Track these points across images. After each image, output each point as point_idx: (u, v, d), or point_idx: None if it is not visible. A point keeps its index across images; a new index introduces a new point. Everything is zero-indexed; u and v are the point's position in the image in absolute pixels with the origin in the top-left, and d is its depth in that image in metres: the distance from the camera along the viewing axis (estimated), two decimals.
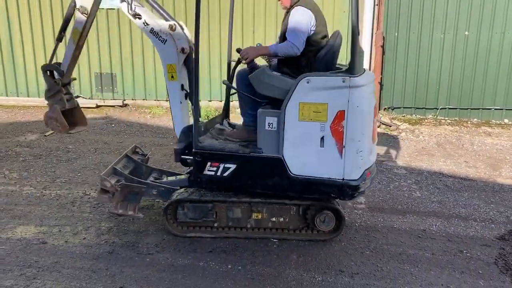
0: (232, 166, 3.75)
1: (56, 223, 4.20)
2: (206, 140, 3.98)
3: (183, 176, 4.31)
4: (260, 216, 3.91)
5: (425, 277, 3.47)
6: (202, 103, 9.14)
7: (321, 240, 3.95)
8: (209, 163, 3.78)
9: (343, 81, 3.45)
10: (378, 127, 8.30)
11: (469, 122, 8.34)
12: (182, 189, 4.01)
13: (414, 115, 8.64)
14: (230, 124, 4.57)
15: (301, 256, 3.74)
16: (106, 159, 6.05)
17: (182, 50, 3.93)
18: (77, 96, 9.27)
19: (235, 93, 4.37)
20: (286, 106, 3.56)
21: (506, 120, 8.47)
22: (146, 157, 4.82)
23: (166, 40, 3.92)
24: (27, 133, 7.21)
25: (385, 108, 8.99)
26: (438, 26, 8.23)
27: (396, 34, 8.37)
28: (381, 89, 8.84)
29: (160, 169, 4.76)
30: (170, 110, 4.12)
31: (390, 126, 8.07)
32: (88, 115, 8.54)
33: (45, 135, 7.09)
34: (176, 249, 3.78)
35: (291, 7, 3.85)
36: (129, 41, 8.99)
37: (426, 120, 8.35)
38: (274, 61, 4.11)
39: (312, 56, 3.81)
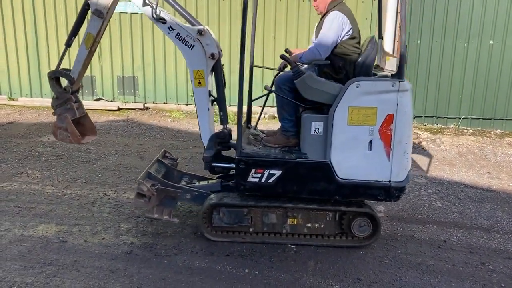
0: (277, 173, 3.73)
1: (76, 223, 4.26)
2: (246, 147, 3.96)
3: (214, 181, 4.34)
4: (295, 222, 3.92)
5: None
6: None
7: (356, 246, 3.94)
8: (253, 170, 3.75)
9: (393, 86, 3.53)
10: None
11: (492, 132, 8.18)
12: (217, 194, 4.01)
13: (435, 124, 8.52)
14: (260, 130, 4.58)
15: (319, 263, 3.71)
16: (126, 161, 6.12)
17: (212, 55, 3.87)
18: (99, 99, 9.44)
19: (259, 97, 4.40)
20: (335, 111, 3.59)
21: None
22: (176, 161, 4.81)
23: (193, 46, 3.84)
24: (50, 134, 7.33)
25: None
26: (462, 34, 8.12)
27: (419, 41, 8.28)
28: None
29: (190, 173, 4.74)
30: (196, 116, 4.09)
31: None
32: (110, 117, 8.68)
33: None
34: (193, 252, 3.78)
35: (327, 12, 3.88)
36: (151, 45, 9.10)
37: (448, 130, 8.23)
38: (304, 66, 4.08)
39: (352, 62, 3.84)
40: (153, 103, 9.42)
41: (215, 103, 4.12)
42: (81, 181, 5.34)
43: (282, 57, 3.88)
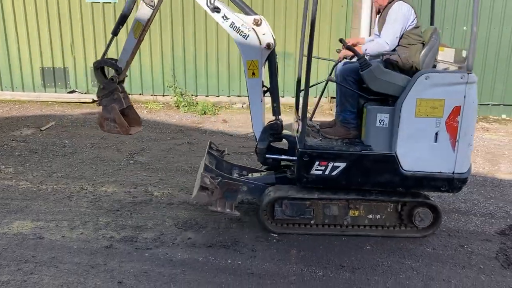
0: (342, 165, 3.71)
1: (53, 218, 4.14)
2: (307, 139, 3.88)
3: (267, 173, 4.33)
4: (357, 214, 3.91)
5: (426, 272, 3.45)
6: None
7: (418, 236, 3.94)
8: (317, 163, 3.71)
9: (461, 78, 3.54)
10: None
11: None
12: (277, 186, 3.98)
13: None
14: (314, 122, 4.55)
15: (302, 251, 3.71)
16: (103, 154, 5.99)
17: (268, 46, 3.75)
18: (73, 91, 9.21)
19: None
20: (403, 103, 3.59)
21: (504, 116, 8.47)
22: (223, 153, 4.72)
23: (248, 36, 3.73)
24: (22, 128, 7.13)
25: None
26: (438, 23, 8.19)
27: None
28: None
29: (239, 165, 4.67)
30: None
31: None
32: (85, 110, 8.49)
33: (41, 130, 7.02)
34: (174, 244, 3.73)
35: (389, 3, 3.92)
36: (126, 35, 8.91)
37: None
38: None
39: (417, 52, 3.86)
40: (129, 94, 9.23)
41: (267, 93, 4.06)
42: (56, 175, 5.21)
43: (348, 48, 3.83)
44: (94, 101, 4.46)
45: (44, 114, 8.16)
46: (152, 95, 9.23)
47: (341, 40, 4.10)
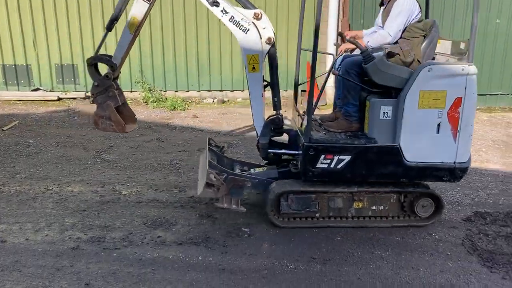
0: (347, 158, 3.71)
1: (16, 220, 4.00)
2: (312, 133, 3.87)
3: (266, 168, 4.33)
4: (361, 205, 3.96)
5: (396, 261, 3.49)
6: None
7: (420, 225, 4.01)
8: (322, 156, 3.70)
9: (463, 69, 3.60)
10: None
11: None
12: (282, 181, 3.97)
13: None
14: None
15: (273, 244, 3.70)
16: (69, 153, 5.83)
17: (269, 40, 3.73)
18: (37, 89, 8.94)
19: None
20: (406, 95, 3.62)
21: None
22: (223, 148, 4.65)
23: (248, 30, 3.69)
24: None
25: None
26: (437, 16, 8.28)
27: (362, 21, 8.40)
28: None
29: (240, 160, 4.65)
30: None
31: None
32: (50, 108, 8.25)
33: (3, 130, 6.78)
34: (144, 243, 3.66)
35: None
36: (90, 31, 8.69)
37: None
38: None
39: (418, 45, 3.87)
40: None
41: (267, 88, 4.04)
42: (20, 176, 5.04)
43: (350, 41, 3.82)
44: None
45: (6, 113, 7.89)
46: None
47: (340, 34, 4.17)
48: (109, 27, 3.94)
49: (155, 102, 8.61)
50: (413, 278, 3.27)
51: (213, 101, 9.16)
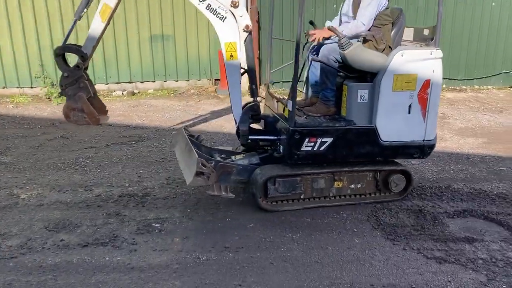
0: (329, 140, 3.89)
1: None
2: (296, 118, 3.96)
3: (244, 155, 4.36)
4: (341, 185, 4.11)
5: (307, 242, 3.57)
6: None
7: (393, 200, 4.27)
8: (307, 139, 3.83)
9: (431, 54, 3.93)
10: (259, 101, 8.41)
11: None
12: (267, 166, 4.03)
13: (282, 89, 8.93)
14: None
15: (185, 237, 3.62)
16: None
17: (247, 27, 3.70)
18: None
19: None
20: (381, 79, 3.85)
21: None
22: (199, 137, 4.52)
23: (225, 18, 3.65)
24: None
25: (264, 84, 9.13)
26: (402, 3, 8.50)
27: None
28: (260, 64, 8.95)
29: (218, 148, 4.67)
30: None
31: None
32: None
33: None
34: (45, 248, 3.41)
35: None
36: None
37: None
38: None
39: (388, 32, 4.05)
40: None
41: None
42: None
43: (330, 28, 3.94)
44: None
45: None
46: (18, 87, 8.38)
47: (311, 22, 4.37)
48: (78, 15, 3.85)
49: (60, 97, 8.08)
50: (323, 257, 3.36)
51: (122, 94, 8.79)
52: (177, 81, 9.19)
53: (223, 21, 3.74)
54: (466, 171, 5.13)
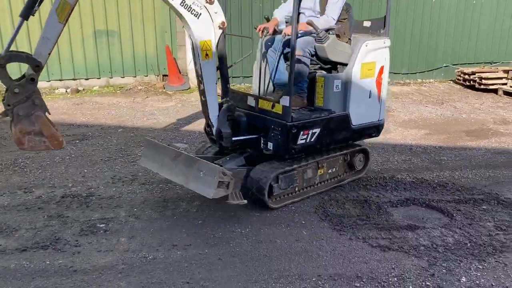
0: (317, 131, 4.06)
1: None
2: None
3: (227, 158, 4.17)
4: (322, 172, 4.34)
5: (256, 236, 3.57)
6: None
7: (359, 178, 4.67)
8: (301, 133, 3.95)
9: (384, 42, 4.36)
10: None
11: None
12: (264, 166, 4.01)
13: (243, 84, 8.91)
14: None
15: (131, 237, 3.53)
16: None
17: (222, 24, 3.54)
18: None
19: None
20: (352, 68, 4.16)
21: None
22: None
23: (200, 14, 3.42)
24: None
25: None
26: None
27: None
28: None
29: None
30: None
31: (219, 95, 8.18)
32: None
33: None
34: None
35: None
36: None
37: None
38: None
39: (346, 25, 4.31)
40: None
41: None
42: None
43: (308, 23, 4.05)
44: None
45: None
46: None
47: (267, 18, 4.49)
48: (26, 14, 3.07)
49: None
50: (271, 250, 3.38)
51: (66, 91, 8.45)
52: (123, 77, 8.94)
53: (197, 18, 3.52)
54: (409, 162, 5.32)
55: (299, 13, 4.53)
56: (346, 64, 4.24)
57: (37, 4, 3.08)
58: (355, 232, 3.64)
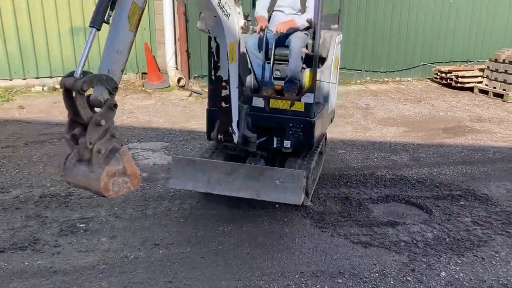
0: (318, 122, 4.10)
1: None
2: None
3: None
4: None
5: (238, 234, 3.57)
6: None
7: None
8: (317, 126, 4.07)
9: (340, 37, 4.73)
10: (189, 95, 8.30)
11: None
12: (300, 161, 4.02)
13: None
14: None
15: (112, 237, 3.48)
16: None
17: (245, 25, 3.32)
18: None
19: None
20: (332, 61, 4.42)
21: None
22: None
23: (229, 15, 3.08)
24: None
25: (194, 77, 9.03)
26: None
27: None
28: (188, 57, 8.82)
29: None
30: None
31: (201, 94, 8.14)
32: None
33: None
34: None
35: None
36: None
37: None
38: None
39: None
40: None
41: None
42: None
43: (309, 21, 4.28)
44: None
45: None
46: None
47: (247, 15, 4.44)
48: (99, 23, 2.33)
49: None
50: (254, 249, 3.38)
51: (43, 89, 8.29)
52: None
53: (228, 19, 3.15)
54: (389, 159, 5.39)
55: (277, 11, 4.55)
56: (325, 58, 4.42)
57: (111, 9, 2.40)
58: (336, 229, 3.67)
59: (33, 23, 8.04)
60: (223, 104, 3.42)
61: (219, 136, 3.56)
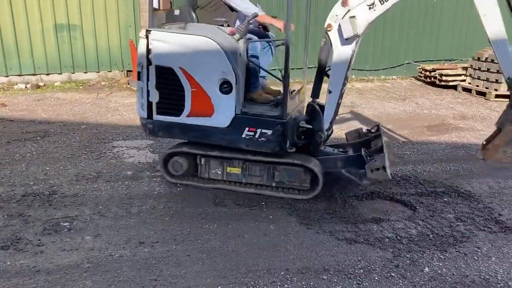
0: None
1: None
2: None
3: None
4: None
5: (224, 232, 3.56)
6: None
7: None
8: None
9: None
10: None
11: None
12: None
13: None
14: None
15: (96, 235, 3.45)
16: None
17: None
18: None
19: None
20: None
21: None
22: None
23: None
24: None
25: None
26: None
27: None
28: None
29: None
30: None
31: None
32: None
33: None
34: None
35: None
36: None
37: None
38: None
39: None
40: None
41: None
42: None
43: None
44: None
45: None
46: None
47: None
48: None
49: None
50: (239, 246, 3.38)
51: (26, 87, 8.18)
52: (86, 73, 8.73)
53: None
54: None
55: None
56: None
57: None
58: (322, 226, 3.69)
59: (16, 20, 7.92)
60: (339, 101, 4.18)
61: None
